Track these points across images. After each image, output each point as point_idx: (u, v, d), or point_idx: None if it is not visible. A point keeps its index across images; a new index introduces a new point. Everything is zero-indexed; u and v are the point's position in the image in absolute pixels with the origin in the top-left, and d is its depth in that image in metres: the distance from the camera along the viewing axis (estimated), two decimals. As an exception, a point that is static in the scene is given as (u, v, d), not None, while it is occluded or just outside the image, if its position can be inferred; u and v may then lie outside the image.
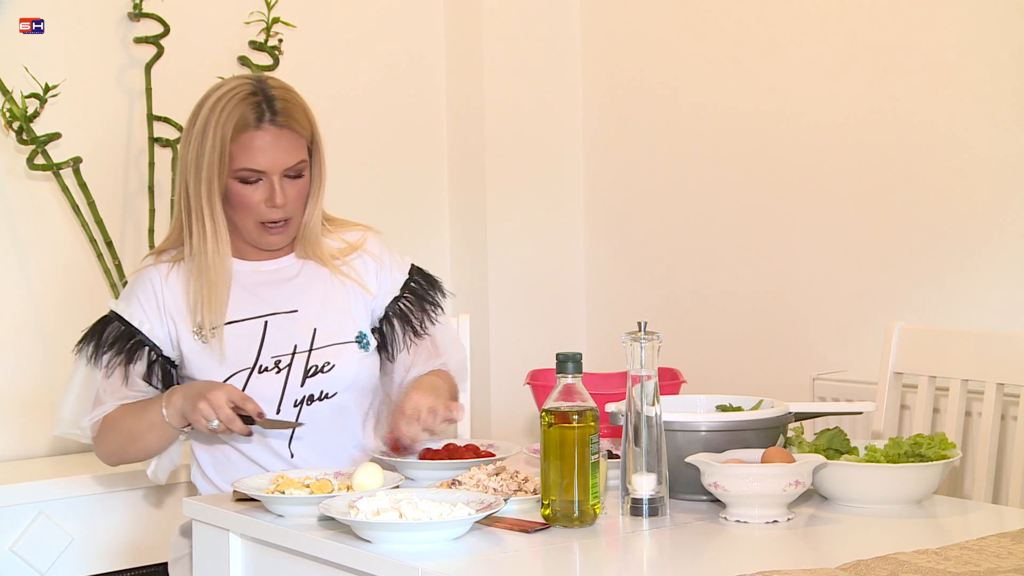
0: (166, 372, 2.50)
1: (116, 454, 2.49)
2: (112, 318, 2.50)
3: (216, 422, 2.33)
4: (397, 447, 2.37)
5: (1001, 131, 3.05)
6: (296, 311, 2.51)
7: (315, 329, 2.50)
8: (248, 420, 2.36)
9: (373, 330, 2.58)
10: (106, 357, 2.46)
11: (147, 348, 2.48)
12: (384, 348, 2.58)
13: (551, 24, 3.88)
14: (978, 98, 3.08)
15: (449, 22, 3.86)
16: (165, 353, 2.49)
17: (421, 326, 2.58)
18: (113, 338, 2.48)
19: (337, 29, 3.69)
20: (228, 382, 2.45)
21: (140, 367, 2.47)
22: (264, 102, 2.43)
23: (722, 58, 3.57)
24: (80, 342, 2.51)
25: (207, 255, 2.46)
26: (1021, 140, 3.02)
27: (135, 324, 2.48)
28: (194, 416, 2.34)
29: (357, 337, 2.53)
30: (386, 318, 2.58)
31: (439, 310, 2.62)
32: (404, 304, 2.58)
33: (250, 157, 2.42)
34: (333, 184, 2.60)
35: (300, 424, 2.44)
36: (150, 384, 2.48)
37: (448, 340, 2.63)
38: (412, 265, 2.63)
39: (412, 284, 2.60)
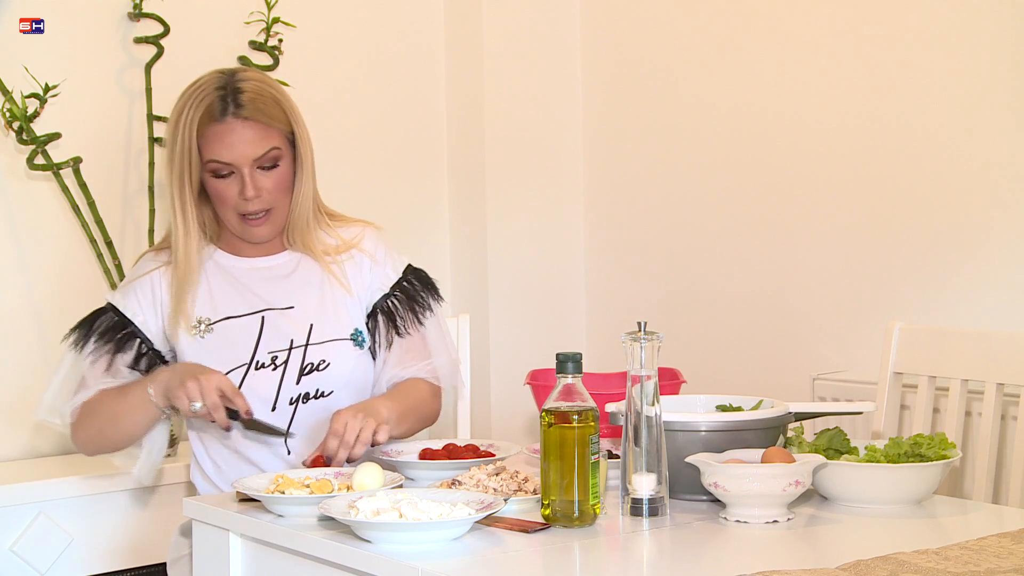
0: (153, 365, 2.49)
1: (95, 440, 2.47)
2: (107, 309, 2.52)
3: (199, 404, 2.31)
4: (321, 464, 2.32)
5: (999, 132, 3.05)
6: (292, 307, 2.51)
7: (311, 325, 2.50)
8: (232, 415, 2.34)
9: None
10: (92, 344, 2.47)
11: (138, 340, 2.48)
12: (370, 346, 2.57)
13: (551, 27, 3.88)
14: (977, 100, 3.08)
15: (449, 22, 3.86)
16: (156, 346, 2.49)
17: (405, 326, 2.57)
18: (104, 327, 2.49)
19: (337, 29, 3.69)
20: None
21: (127, 357, 2.48)
22: (229, 95, 2.44)
23: (723, 58, 3.58)
24: (71, 330, 2.52)
25: (179, 250, 2.47)
26: (1019, 141, 3.02)
27: (128, 315, 2.49)
28: (178, 393, 2.32)
29: (352, 334, 2.53)
30: (372, 314, 2.57)
31: (428, 312, 2.59)
32: (392, 302, 2.57)
33: (215, 150, 2.43)
34: (333, 184, 2.61)
35: (288, 435, 2.39)
36: (136, 372, 2.48)
37: (439, 342, 2.61)
38: (408, 265, 2.62)
39: (404, 283, 2.59)
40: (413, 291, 2.59)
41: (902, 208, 3.23)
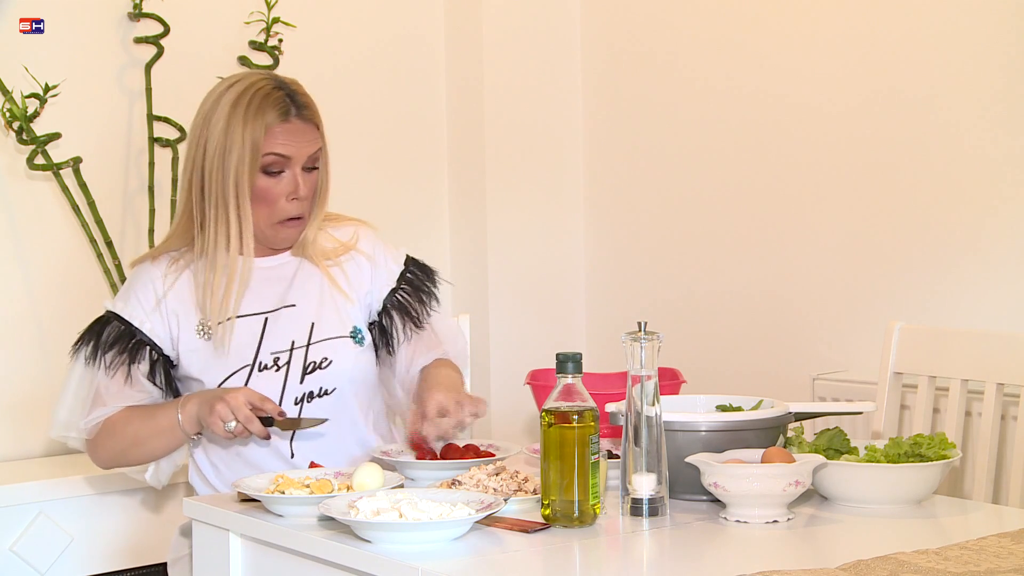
0: (167, 372, 2.49)
1: (114, 458, 2.48)
2: (110, 318, 2.50)
3: (234, 423, 2.32)
4: (421, 446, 2.36)
5: (999, 132, 3.05)
6: (294, 306, 2.52)
7: (312, 324, 2.51)
8: (267, 422, 2.35)
9: (371, 324, 2.58)
10: (107, 357, 2.46)
11: (148, 347, 2.48)
12: (385, 342, 2.58)
13: (551, 27, 3.88)
14: (978, 98, 3.08)
15: (449, 22, 3.86)
16: (165, 352, 2.49)
17: (420, 317, 2.59)
18: (113, 338, 2.47)
19: (336, 29, 3.69)
20: (229, 379, 2.45)
21: (143, 367, 2.47)
22: (288, 96, 2.46)
23: (723, 59, 3.57)
24: (77, 343, 2.50)
25: (228, 252, 2.46)
26: (1020, 140, 3.02)
27: (135, 324, 2.48)
28: (211, 419, 2.33)
29: (352, 332, 2.54)
30: (384, 311, 2.58)
31: (435, 300, 2.62)
32: (402, 296, 2.59)
33: (276, 145, 2.44)
34: (334, 184, 2.61)
35: (323, 420, 2.41)
36: (153, 383, 2.48)
37: (448, 328, 2.64)
38: (407, 256, 2.64)
39: (408, 275, 2.61)
40: (418, 281, 2.62)
41: (902, 208, 3.23)
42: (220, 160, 2.44)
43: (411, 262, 2.63)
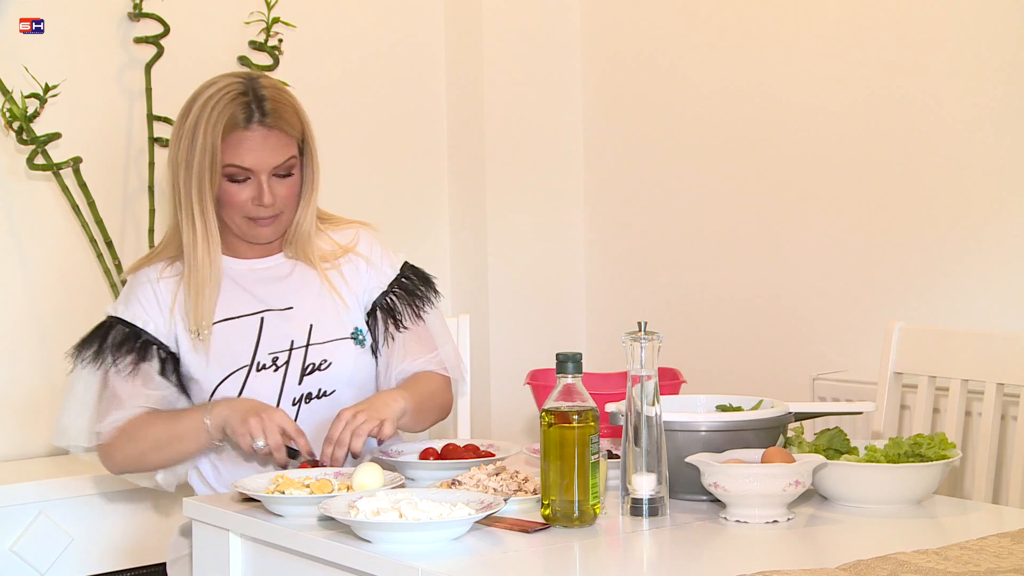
0: (176, 370, 2.48)
1: (131, 462, 2.45)
2: (113, 323, 2.49)
3: (262, 442, 2.31)
4: (315, 464, 2.32)
5: (1000, 132, 3.05)
6: (291, 308, 2.51)
7: (311, 325, 2.50)
8: (290, 453, 2.34)
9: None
10: (117, 360, 2.44)
11: (155, 346, 2.47)
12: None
13: (551, 28, 3.88)
14: (979, 98, 3.08)
15: (449, 22, 3.86)
16: (172, 350, 2.48)
17: (403, 320, 2.57)
18: (120, 341, 2.46)
19: (337, 29, 3.69)
20: (227, 380, 2.45)
21: (155, 364, 2.46)
22: (254, 102, 2.42)
23: (723, 60, 3.58)
24: (80, 349, 2.48)
25: (197, 255, 2.45)
26: (1020, 141, 3.02)
27: (139, 324, 2.47)
28: (241, 430, 2.31)
29: (353, 333, 2.53)
30: (371, 312, 2.57)
31: (428, 304, 2.59)
32: (390, 299, 2.57)
33: (238, 155, 2.42)
34: (334, 185, 2.61)
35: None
36: (167, 380, 2.47)
37: (443, 334, 2.61)
38: (405, 262, 2.63)
39: (403, 280, 2.60)
40: (412, 286, 2.60)
41: (902, 208, 3.23)
42: (185, 163, 2.43)
43: (408, 268, 2.62)
